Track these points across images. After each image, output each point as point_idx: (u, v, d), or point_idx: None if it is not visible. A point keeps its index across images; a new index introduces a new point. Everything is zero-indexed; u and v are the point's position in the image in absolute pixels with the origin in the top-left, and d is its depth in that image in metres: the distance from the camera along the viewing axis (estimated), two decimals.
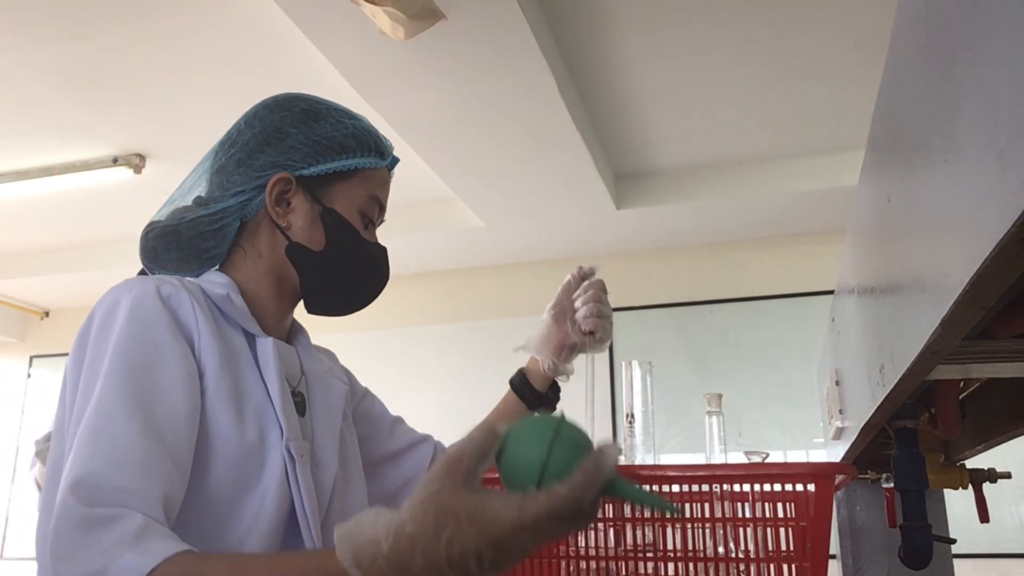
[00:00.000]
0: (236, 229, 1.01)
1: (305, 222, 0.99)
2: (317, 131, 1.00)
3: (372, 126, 1.07)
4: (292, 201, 1.00)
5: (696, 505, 0.89)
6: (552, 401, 1.25)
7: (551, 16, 2.70)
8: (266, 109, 1.03)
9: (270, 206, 0.99)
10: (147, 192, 3.91)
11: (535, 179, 3.62)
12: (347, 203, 1.01)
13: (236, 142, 1.02)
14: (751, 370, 4.23)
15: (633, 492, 0.65)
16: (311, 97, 1.05)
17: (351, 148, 1.01)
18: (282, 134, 1.00)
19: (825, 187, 3.73)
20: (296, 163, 0.99)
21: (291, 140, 1.00)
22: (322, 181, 1.00)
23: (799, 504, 0.83)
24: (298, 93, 1.06)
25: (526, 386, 1.23)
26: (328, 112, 1.03)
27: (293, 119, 1.01)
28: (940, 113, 0.56)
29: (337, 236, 1.00)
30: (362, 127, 1.04)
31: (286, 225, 1.00)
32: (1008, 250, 0.44)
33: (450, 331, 4.71)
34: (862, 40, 2.83)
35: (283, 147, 0.99)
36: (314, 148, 1.00)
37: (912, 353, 0.69)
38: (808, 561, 0.81)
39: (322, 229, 1.00)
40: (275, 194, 0.99)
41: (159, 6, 2.57)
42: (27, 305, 5.48)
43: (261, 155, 1.00)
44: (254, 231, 1.01)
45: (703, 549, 0.86)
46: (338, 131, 1.01)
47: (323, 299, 1.04)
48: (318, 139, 1.00)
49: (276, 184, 0.99)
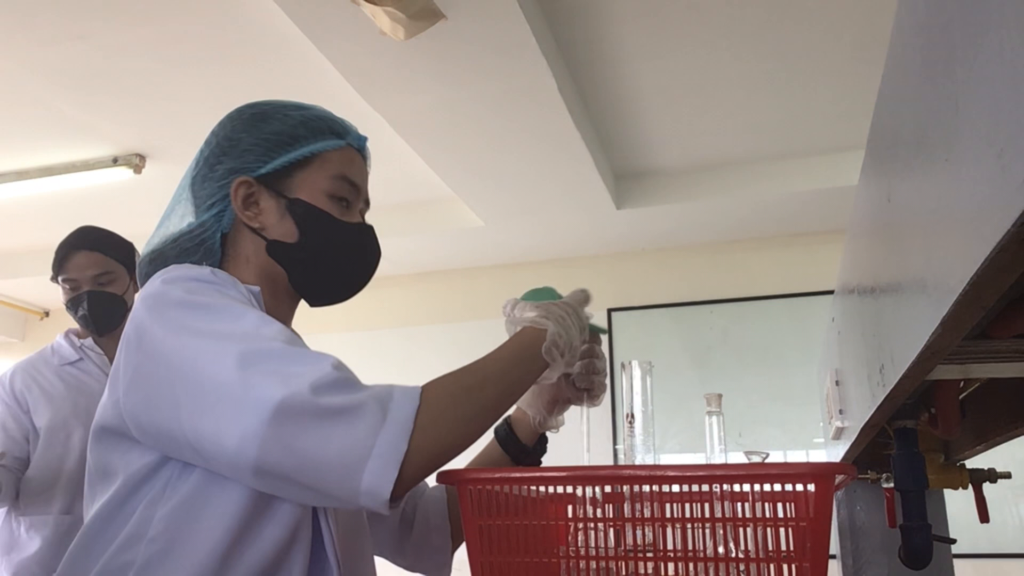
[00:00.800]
0: (219, 241, 1.03)
1: (276, 218, 1.01)
2: (265, 129, 1.03)
3: (325, 111, 1.07)
4: (260, 202, 1.02)
5: (696, 505, 0.89)
6: (539, 454, 1.17)
7: (551, 16, 2.70)
8: (220, 124, 1.07)
9: (239, 211, 1.02)
10: (147, 192, 3.91)
11: (535, 179, 3.62)
12: (312, 189, 1.02)
13: (199, 160, 1.06)
14: (751, 370, 4.23)
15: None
16: (262, 101, 1.08)
17: (302, 137, 1.03)
18: (234, 141, 1.03)
19: (825, 187, 3.73)
20: (251, 164, 1.02)
21: (243, 144, 1.02)
22: (281, 175, 1.02)
23: (799, 504, 0.83)
24: (251, 101, 1.08)
25: (512, 439, 1.14)
26: (275, 110, 1.05)
27: (243, 124, 1.04)
28: (940, 113, 0.56)
29: (308, 223, 1.01)
30: (312, 114, 1.05)
31: (260, 226, 1.02)
32: (1008, 250, 0.44)
33: (450, 331, 4.71)
34: (862, 40, 2.84)
35: (237, 153, 1.03)
36: (265, 146, 1.02)
37: (912, 353, 0.69)
38: (808, 561, 0.81)
39: (292, 220, 1.01)
40: (240, 199, 1.02)
41: (159, 6, 2.57)
42: (27, 305, 5.48)
43: (219, 166, 1.03)
44: (236, 239, 1.04)
45: (703, 549, 0.86)
46: (286, 124, 1.03)
47: (316, 289, 1.05)
48: (267, 136, 1.02)
49: (238, 189, 1.01)
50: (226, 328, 0.84)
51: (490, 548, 0.91)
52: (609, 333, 4.48)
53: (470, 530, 0.91)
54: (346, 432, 0.76)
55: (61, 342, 2.23)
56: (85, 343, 2.21)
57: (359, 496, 0.77)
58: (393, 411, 0.79)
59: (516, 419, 1.16)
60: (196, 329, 0.85)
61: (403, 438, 0.78)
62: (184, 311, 0.86)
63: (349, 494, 0.77)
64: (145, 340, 0.87)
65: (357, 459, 0.76)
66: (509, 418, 1.16)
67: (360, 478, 0.76)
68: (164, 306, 0.88)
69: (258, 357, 0.80)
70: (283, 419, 0.76)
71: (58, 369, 2.19)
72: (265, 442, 0.76)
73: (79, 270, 2.10)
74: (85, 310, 2.11)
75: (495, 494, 0.92)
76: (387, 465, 0.76)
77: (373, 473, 0.76)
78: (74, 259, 2.10)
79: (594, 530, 0.92)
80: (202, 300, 0.87)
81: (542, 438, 1.17)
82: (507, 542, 0.91)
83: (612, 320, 4.51)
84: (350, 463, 0.76)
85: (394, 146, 3.39)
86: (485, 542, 0.91)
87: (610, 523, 0.91)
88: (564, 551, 0.91)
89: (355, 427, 0.77)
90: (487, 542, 0.91)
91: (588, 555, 0.90)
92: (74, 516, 2.08)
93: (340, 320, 4.92)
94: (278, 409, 0.76)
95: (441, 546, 1.14)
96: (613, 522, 0.91)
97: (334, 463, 0.76)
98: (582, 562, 0.90)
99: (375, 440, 0.77)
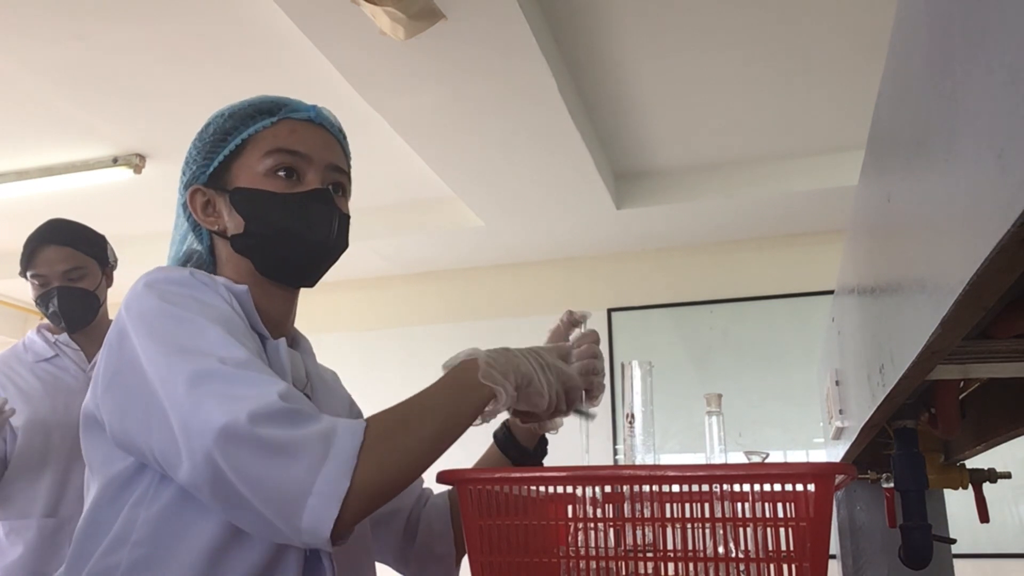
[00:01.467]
0: (208, 254, 1.06)
1: (227, 214, 1.03)
2: (204, 136, 1.05)
3: (259, 98, 1.06)
4: (215, 204, 1.04)
5: (696, 505, 0.89)
6: (540, 457, 1.15)
7: (551, 16, 2.70)
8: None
9: (201, 220, 1.04)
10: (147, 192, 3.91)
11: (535, 179, 3.62)
12: (248, 174, 1.02)
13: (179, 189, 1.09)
14: (751, 370, 4.23)
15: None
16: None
17: (231, 129, 1.03)
18: (188, 159, 1.06)
19: (825, 187, 3.73)
20: (197, 173, 1.04)
21: (190, 157, 1.06)
22: (221, 172, 1.03)
23: (799, 504, 0.83)
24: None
25: (512, 442, 1.13)
26: (214, 117, 1.06)
27: (193, 142, 1.07)
28: (940, 113, 0.56)
29: (249, 207, 1.01)
30: (243, 105, 1.05)
31: (221, 228, 1.03)
32: (1008, 250, 0.44)
33: (450, 331, 4.71)
34: (862, 40, 2.83)
35: (188, 168, 1.06)
36: (204, 151, 1.04)
37: (912, 353, 0.69)
38: (808, 561, 0.81)
39: (235, 210, 1.02)
40: (199, 208, 1.04)
41: (159, 7, 2.57)
42: (27, 305, 5.48)
43: (181, 185, 1.07)
44: (215, 247, 1.06)
45: (703, 549, 0.86)
46: (217, 124, 1.04)
47: (281, 267, 1.03)
48: (205, 142, 1.04)
49: (193, 199, 1.04)
50: (186, 343, 0.83)
51: (490, 548, 0.91)
52: (609, 333, 4.48)
53: (470, 530, 0.91)
54: (285, 468, 0.75)
55: (34, 338, 2.17)
56: (60, 339, 2.15)
57: (301, 534, 0.76)
58: (336, 447, 0.77)
59: (514, 422, 1.14)
60: (161, 340, 0.84)
61: (345, 475, 0.76)
62: (155, 319, 0.87)
63: (291, 531, 0.76)
64: (125, 346, 0.87)
65: (296, 496, 0.75)
66: (508, 422, 1.14)
67: (301, 516, 0.75)
68: (141, 312, 0.88)
69: (206, 378, 0.79)
70: (225, 444, 0.75)
71: (33, 366, 2.12)
72: (210, 469, 0.76)
73: (48, 265, 2.07)
74: (55, 306, 2.06)
75: (495, 494, 0.92)
76: (328, 503, 0.75)
77: (313, 511, 0.75)
78: (43, 253, 2.07)
79: (594, 530, 0.92)
80: (172, 310, 0.87)
81: (542, 440, 1.16)
82: (507, 542, 0.91)
83: (612, 320, 4.50)
84: (290, 499, 0.75)
85: (394, 146, 3.39)
86: (485, 542, 0.91)
87: (610, 523, 0.91)
88: (564, 551, 0.91)
89: (295, 464, 0.75)
90: (487, 542, 0.91)
91: (588, 555, 0.90)
92: (58, 519, 2.01)
93: (340, 320, 4.93)
94: (220, 435, 0.75)
95: (445, 554, 1.14)
96: (613, 522, 0.91)
97: (274, 498, 0.75)
98: (582, 562, 0.90)
99: (315, 478, 0.75)
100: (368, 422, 0.81)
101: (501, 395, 0.89)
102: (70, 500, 2.02)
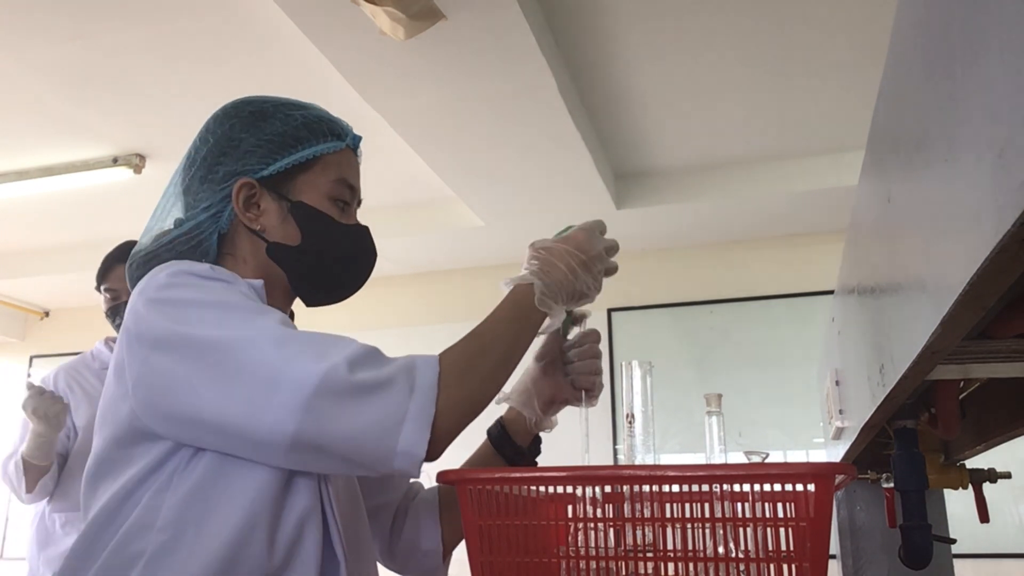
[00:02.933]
0: (216, 243, 1.03)
1: (277, 220, 1.01)
2: (267, 130, 1.02)
3: (323, 112, 1.07)
4: (261, 204, 1.02)
5: (696, 505, 0.89)
6: (534, 456, 1.15)
7: (551, 16, 2.70)
8: (216, 121, 1.06)
9: (240, 213, 1.01)
10: (147, 192, 3.91)
11: (535, 179, 3.62)
12: (313, 192, 1.02)
13: (195, 160, 1.05)
14: (751, 370, 4.23)
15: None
16: (258, 98, 1.07)
17: (304, 138, 1.02)
18: (235, 141, 1.02)
19: (825, 187, 3.73)
20: (254, 166, 1.01)
21: (244, 145, 1.02)
22: (283, 177, 1.02)
23: (799, 504, 0.83)
24: (246, 97, 1.08)
25: (506, 440, 1.12)
26: (276, 109, 1.04)
27: (242, 124, 1.03)
28: (940, 113, 0.56)
29: (311, 227, 1.01)
30: (312, 115, 1.05)
31: (260, 228, 1.02)
32: (1008, 250, 0.44)
33: (450, 331, 4.66)
34: (862, 40, 2.83)
35: (238, 154, 1.02)
36: (267, 147, 1.01)
37: (912, 353, 0.69)
38: (808, 561, 0.81)
39: (295, 223, 1.01)
40: (242, 201, 1.01)
41: (159, 6, 2.57)
42: (27, 305, 5.48)
43: (220, 167, 1.02)
44: (234, 240, 1.04)
45: (703, 549, 0.86)
46: (288, 125, 1.02)
47: (316, 290, 1.05)
48: (270, 137, 1.02)
49: (240, 191, 1.01)
50: (255, 311, 0.88)
51: (490, 548, 0.91)
52: (609, 333, 4.48)
53: (470, 530, 0.91)
54: (381, 403, 0.83)
55: (101, 348, 2.38)
56: None
57: (395, 458, 0.83)
58: (419, 379, 0.85)
59: (509, 420, 1.14)
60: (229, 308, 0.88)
61: (431, 402, 0.84)
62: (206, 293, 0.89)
63: (384, 458, 0.83)
64: (153, 332, 0.88)
65: (393, 425, 0.82)
66: (502, 419, 1.15)
67: (396, 442, 0.82)
68: (173, 299, 0.89)
69: (290, 338, 0.85)
70: (323, 393, 0.81)
71: (99, 372, 2.33)
72: (304, 417, 0.80)
73: (120, 281, 2.22)
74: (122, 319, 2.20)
75: (495, 494, 0.92)
76: (420, 427, 0.83)
77: (409, 436, 0.83)
78: (116, 271, 2.23)
79: (594, 530, 0.92)
80: (217, 286, 0.90)
81: (536, 439, 1.16)
82: (507, 542, 0.91)
83: (612, 320, 4.50)
84: (387, 429, 0.82)
85: (394, 146, 3.39)
86: (485, 542, 0.91)
87: (610, 523, 0.91)
88: (564, 551, 0.91)
89: (389, 397, 0.83)
90: (487, 542, 0.91)
91: (588, 555, 0.90)
92: None
93: (340, 320, 4.92)
94: (319, 384, 0.81)
95: (431, 549, 1.14)
96: (613, 522, 0.91)
97: (371, 431, 0.82)
98: (582, 562, 0.90)
99: (407, 407, 0.83)
100: (441, 356, 0.89)
101: (555, 317, 1.01)
102: None
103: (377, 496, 1.13)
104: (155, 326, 0.88)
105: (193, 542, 0.84)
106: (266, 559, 0.85)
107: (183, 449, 0.88)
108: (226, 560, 0.83)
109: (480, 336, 0.94)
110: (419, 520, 1.15)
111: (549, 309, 0.99)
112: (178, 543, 0.84)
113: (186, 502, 0.85)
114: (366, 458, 0.83)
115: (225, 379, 0.84)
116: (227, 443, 0.85)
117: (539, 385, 1.12)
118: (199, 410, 0.84)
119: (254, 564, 0.85)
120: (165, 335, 0.87)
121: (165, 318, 0.88)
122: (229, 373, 0.84)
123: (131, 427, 0.89)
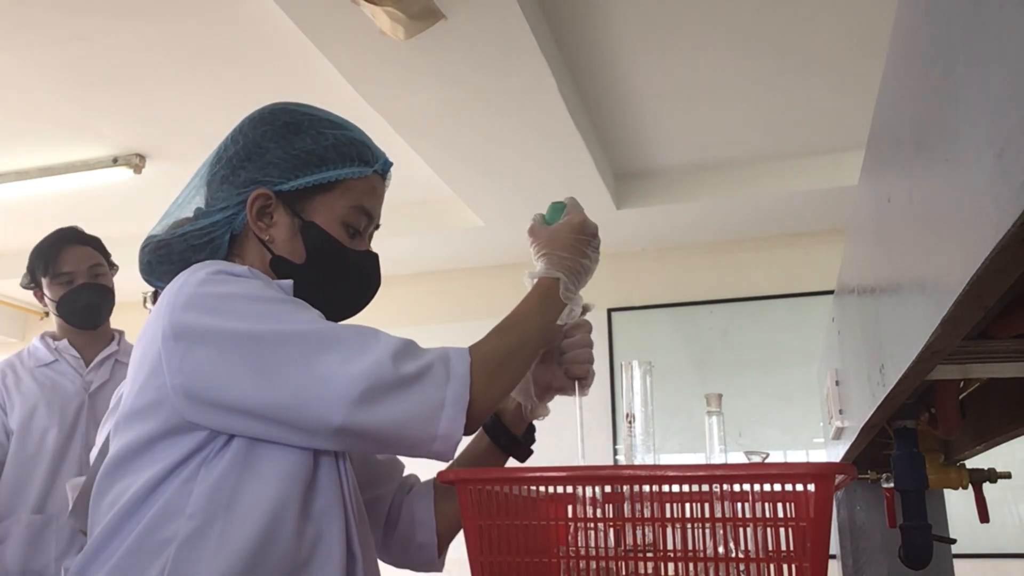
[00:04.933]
0: (227, 241, 1.04)
1: (286, 236, 1.02)
2: (296, 145, 1.02)
3: (359, 134, 1.06)
4: (274, 215, 1.02)
5: (696, 505, 0.89)
6: (528, 445, 1.16)
7: (551, 16, 2.70)
8: (251, 123, 1.05)
9: (252, 221, 1.02)
10: (147, 192, 3.91)
11: (535, 179, 3.62)
12: (328, 215, 1.02)
13: (222, 158, 1.05)
14: (751, 370, 4.23)
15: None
16: (298, 108, 1.06)
17: (331, 160, 1.02)
18: (262, 149, 1.02)
19: (825, 187, 3.73)
20: (275, 179, 1.01)
21: (270, 156, 1.02)
22: (302, 195, 1.02)
23: (799, 504, 0.83)
24: (286, 104, 1.07)
25: (501, 430, 1.13)
26: (311, 124, 1.03)
27: (274, 133, 1.03)
28: (940, 113, 0.56)
29: (317, 249, 1.02)
30: (346, 137, 1.04)
31: (268, 239, 1.02)
32: (1008, 250, 0.44)
33: (450, 331, 4.69)
34: (862, 40, 2.83)
35: (262, 163, 1.02)
36: (292, 163, 1.01)
37: (912, 353, 0.69)
38: (808, 561, 0.81)
39: (302, 243, 1.02)
40: (256, 209, 1.02)
41: (160, 7, 2.57)
42: (27, 305, 5.48)
43: (242, 171, 1.02)
44: (243, 243, 1.04)
45: (703, 549, 0.86)
46: (318, 144, 1.02)
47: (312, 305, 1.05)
48: (296, 153, 1.01)
49: (256, 200, 1.01)
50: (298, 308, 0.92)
51: (490, 548, 0.91)
52: (609, 333, 4.48)
53: (470, 530, 0.91)
54: (423, 391, 0.89)
55: (37, 345, 2.25)
56: (59, 345, 2.22)
57: (435, 441, 0.89)
58: (453, 368, 0.91)
59: (502, 409, 1.14)
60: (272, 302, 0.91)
61: (465, 388, 0.91)
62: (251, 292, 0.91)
63: (426, 441, 0.89)
64: (197, 325, 0.89)
65: (433, 411, 0.89)
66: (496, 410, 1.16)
67: (437, 426, 0.89)
68: (217, 294, 0.90)
69: (336, 332, 0.90)
70: (371, 386, 0.86)
71: (33, 371, 2.20)
72: (353, 409, 0.86)
73: (74, 263, 2.12)
74: (86, 301, 2.12)
75: (495, 494, 0.92)
76: (457, 412, 0.90)
77: (448, 420, 0.89)
78: (67, 253, 2.12)
79: (594, 530, 0.92)
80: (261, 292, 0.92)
81: (530, 428, 1.17)
82: (507, 542, 0.91)
83: (612, 320, 4.50)
84: (428, 415, 0.89)
85: (394, 146, 3.38)
86: (485, 542, 0.91)
87: (610, 523, 0.91)
88: (564, 551, 0.91)
89: (429, 386, 0.89)
90: (487, 542, 0.91)
91: (588, 555, 0.90)
92: (45, 516, 2.09)
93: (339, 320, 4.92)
94: (367, 377, 0.86)
95: (426, 543, 1.14)
96: (613, 522, 0.91)
97: (417, 418, 0.88)
98: (582, 562, 0.90)
99: (445, 394, 0.90)
100: (474, 347, 0.95)
101: (576, 307, 1.08)
102: (57, 498, 2.10)
103: (373, 488, 1.14)
104: (200, 319, 0.89)
105: (223, 528, 0.85)
106: (294, 550, 0.87)
107: (211, 444, 0.89)
108: (255, 550, 0.84)
109: (512, 328, 1.00)
110: (415, 514, 1.15)
111: (571, 299, 1.05)
112: (209, 528, 0.85)
113: (215, 489, 0.87)
114: (409, 442, 0.89)
115: (274, 370, 0.86)
116: (272, 432, 0.88)
117: (536, 372, 1.12)
118: (247, 399, 0.87)
119: (282, 554, 0.86)
120: (210, 328, 0.88)
121: (210, 311, 0.89)
122: (278, 364, 0.86)
123: (165, 422, 0.89)
